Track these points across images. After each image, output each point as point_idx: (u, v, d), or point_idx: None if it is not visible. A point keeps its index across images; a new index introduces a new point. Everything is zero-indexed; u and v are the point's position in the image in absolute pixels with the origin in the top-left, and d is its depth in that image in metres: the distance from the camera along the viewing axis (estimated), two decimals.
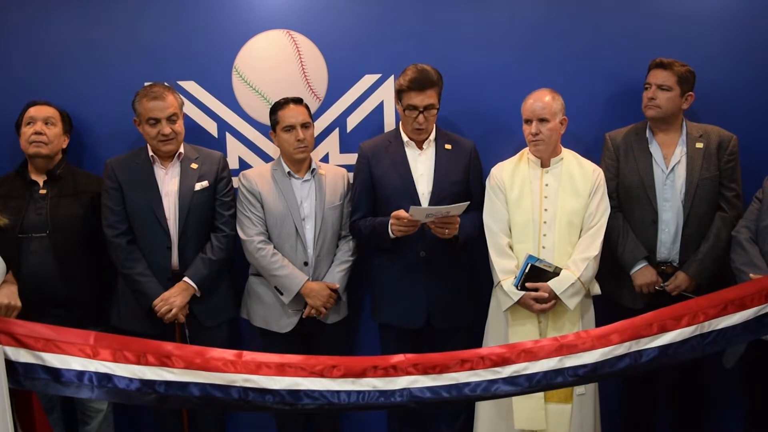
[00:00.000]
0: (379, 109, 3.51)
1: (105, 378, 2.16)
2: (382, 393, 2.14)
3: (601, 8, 3.45)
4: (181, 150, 3.22)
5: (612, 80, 3.46)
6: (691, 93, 3.16)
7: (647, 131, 3.23)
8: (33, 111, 3.20)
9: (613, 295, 3.28)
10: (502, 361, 2.16)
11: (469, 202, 3.02)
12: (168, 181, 3.20)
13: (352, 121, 3.53)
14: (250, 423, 3.69)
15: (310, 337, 3.34)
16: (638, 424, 3.46)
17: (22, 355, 2.16)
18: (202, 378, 2.15)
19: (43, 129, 3.16)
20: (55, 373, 2.17)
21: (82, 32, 3.44)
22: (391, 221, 3.06)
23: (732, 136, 3.19)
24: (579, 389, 3.06)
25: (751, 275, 2.77)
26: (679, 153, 3.19)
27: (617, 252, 3.21)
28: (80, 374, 2.16)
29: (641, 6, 3.44)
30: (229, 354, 2.19)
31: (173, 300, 3.13)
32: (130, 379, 2.16)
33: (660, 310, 2.27)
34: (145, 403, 2.20)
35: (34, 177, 3.19)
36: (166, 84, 3.26)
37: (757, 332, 2.30)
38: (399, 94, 3.18)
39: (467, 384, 2.15)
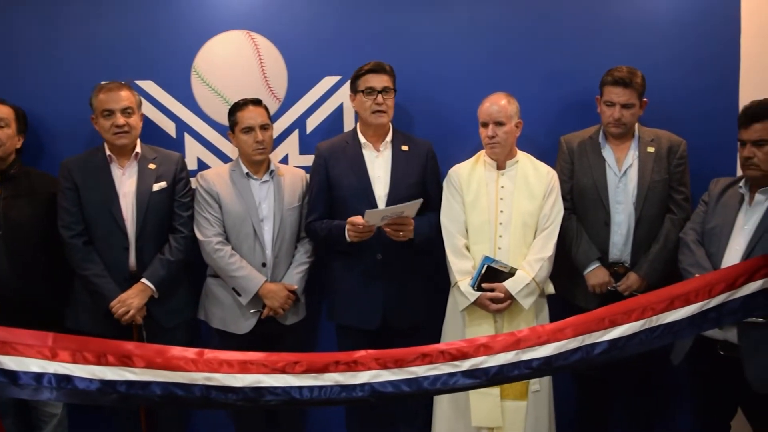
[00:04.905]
0: (339, 111, 3.53)
1: (64, 379, 2.12)
2: (344, 388, 2.14)
3: (556, 14, 3.52)
4: (139, 150, 3.20)
5: (567, 85, 3.53)
6: (645, 99, 3.24)
7: (600, 136, 3.30)
8: None
9: (567, 294, 3.35)
10: (461, 355, 2.18)
11: (422, 200, 3.06)
12: (125, 181, 3.17)
13: (312, 123, 3.55)
14: (211, 424, 3.66)
15: (268, 339, 3.31)
16: (592, 420, 3.54)
17: None
18: (163, 377, 2.13)
19: None
20: (13, 376, 2.12)
21: (39, 30, 3.40)
22: (347, 227, 3.09)
23: (681, 140, 3.27)
24: (534, 386, 3.12)
25: (696, 275, 2.81)
26: (632, 157, 3.26)
27: (571, 253, 3.28)
28: (39, 376, 2.12)
29: (596, 12, 3.52)
30: (190, 352, 2.17)
31: (130, 301, 3.11)
32: (90, 380, 2.13)
33: (611, 305, 2.32)
34: (107, 404, 2.17)
35: None
36: (123, 82, 3.24)
37: (701, 326, 2.37)
38: (355, 83, 3.20)
39: (427, 378, 2.17)
